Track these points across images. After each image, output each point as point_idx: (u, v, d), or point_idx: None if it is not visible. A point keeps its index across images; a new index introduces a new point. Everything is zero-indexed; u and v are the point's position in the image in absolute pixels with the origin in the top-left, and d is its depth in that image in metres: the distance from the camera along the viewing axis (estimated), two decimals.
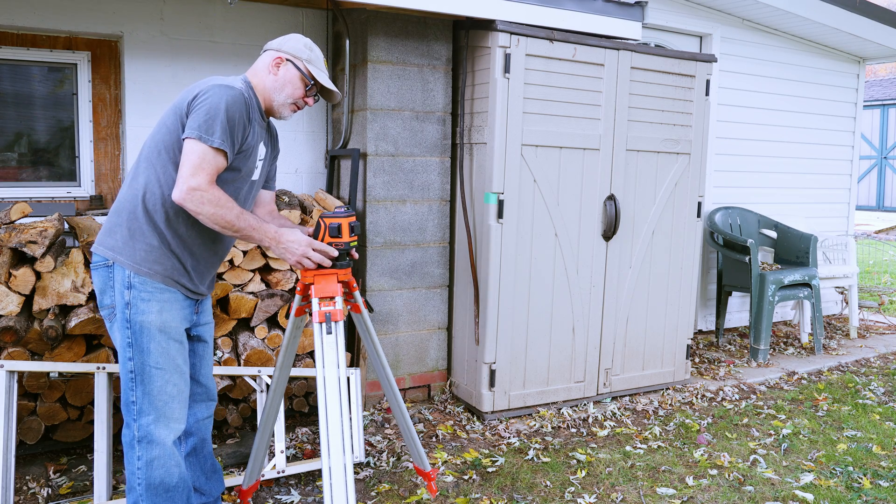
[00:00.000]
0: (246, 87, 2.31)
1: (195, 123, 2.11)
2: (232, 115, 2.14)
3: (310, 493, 3.01)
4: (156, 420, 2.19)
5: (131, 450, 2.20)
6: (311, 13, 4.21)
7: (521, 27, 3.64)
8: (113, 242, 2.20)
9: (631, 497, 3.04)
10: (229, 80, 2.27)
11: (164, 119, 2.23)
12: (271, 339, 3.46)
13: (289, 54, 2.36)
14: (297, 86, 2.36)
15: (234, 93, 2.17)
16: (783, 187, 6.02)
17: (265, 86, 2.35)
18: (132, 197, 2.21)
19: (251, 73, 2.39)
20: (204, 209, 2.08)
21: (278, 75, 2.35)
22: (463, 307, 4.03)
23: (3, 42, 3.68)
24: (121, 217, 2.22)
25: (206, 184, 2.09)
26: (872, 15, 5.60)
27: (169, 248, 2.21)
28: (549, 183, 3.83)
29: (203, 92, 2.16)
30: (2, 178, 3.81)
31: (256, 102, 2.33)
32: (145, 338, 2.17)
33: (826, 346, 5.51)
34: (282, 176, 4.23)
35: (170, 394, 2.21)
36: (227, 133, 2.13)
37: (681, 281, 4.38)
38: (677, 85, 4.17)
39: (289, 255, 2.23)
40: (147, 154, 2.23)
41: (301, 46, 2.38)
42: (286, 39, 2.40)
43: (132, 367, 2.18)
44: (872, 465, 3.41)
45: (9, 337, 2.92)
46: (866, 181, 16.69)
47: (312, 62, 2.38)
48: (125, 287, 2.17)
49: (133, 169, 2.27)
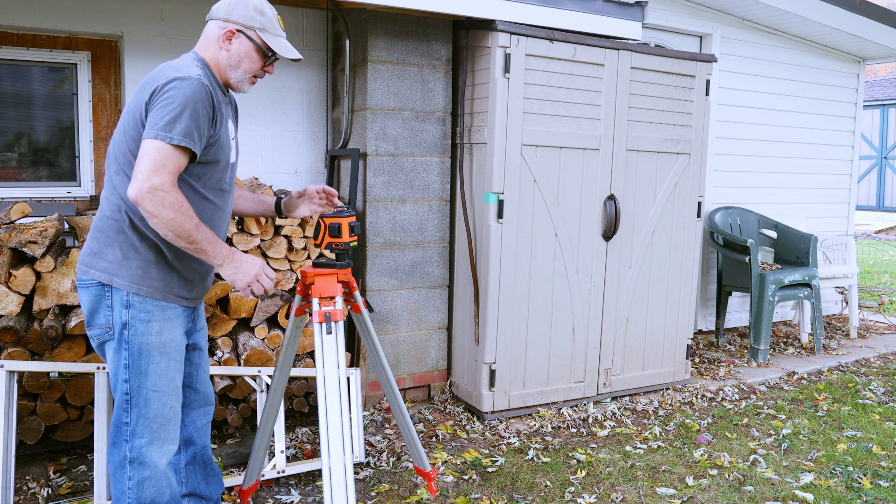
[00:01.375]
0: (202, 68, 2.10)
1: (154, 123, 1.93)
2: (195, 110, 1.96)
3: (310, 493, 3.01)
4: (149, 443, 2.10)
5: (121, 469, 2.10)
6: (311, 13, 4.21)
7: (521, 27, 3.64)
8: (105, 265, 2.06)
9: (631, 497, 3.04)
10: (183, 66, 2.05)
11: (125, 127, 2.05)
12: (271, 339, 3.46)
13: (239, 24, 2.13)
14: (253, 59, 2.17)
15: (194, 83, 1.97)
16: (783, 187, 6.02)
17: (219, 62, 2.15)
18: (115, 214, 2.07)
19: (201, 47, 2.17)
20: (163, 212, 1.89)
21: (231, 50, 2.14)
22: (463, 307, 4.03)
23: (3, 42, 3.68)
24: (107, 236, 2.08)
25: (169, 184, 1.91)
26: (872, 15, 5.60)
27: (167, 261, 2.10)
28: (549, 183, 3.83)
29: (160, 89, 1.96)
30: (2, 178, 3.81)
31: (215, 81, 2.14)
32: (144, 360, 2.07)
33: (826, 346, 5.51)
34: (282, 176, 4.23)
35: (166, 416, 2.13)
36: (190, 129, 1.95)
37: (681, 281, 4.38)
38: (677, 85, 4.17)
39: (241, 276, 2.06)
40: (120, 167, 2.07)
41: (251, 12, 2.14)
42: (234, 5, 2.14)
43: (128, 389, 2.07)
44: (872, 465, 3.41)
45: (9, 337, 2.92)
46: (866, 181, 16.70)
47: (266, 29, 2.16)
48: (123, 307, 2.05)
49: (108, 183, 2.10)
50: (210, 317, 3.38)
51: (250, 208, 2.59)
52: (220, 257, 2.04)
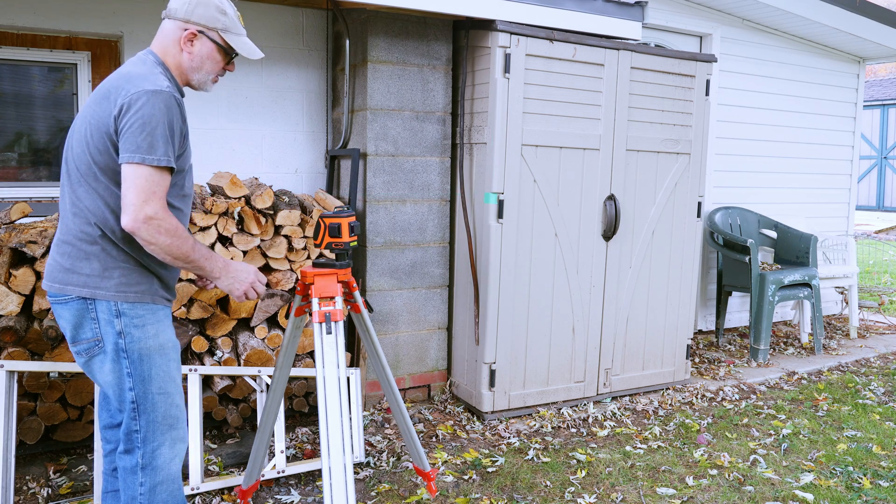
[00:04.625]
0: (165, 74, 2.04)
1: (132, 145, 1.88)
2: (170, 124, 1.92)
3: (310, 493, 3.01)
4: (161, 446, 2.10)
5: (133, 475, 2.09)
6: (311, 13, 4.21)
7: (521, 27, 3.64)
8: (83, 279, 2.00)
9: (631, 497, 3.04)
10: (149, 74, 1.97)
11: (88, 137, 1.97)
12: (271, 339, 3.46)
13: (201, 25, 2.06)
14: (216, 60, 2.12)
15: (165, 96, 1.92)
16: (783, 187, 6.02)
17: (181, 65, 2.09)
18: (84, 227, 2.00)
19: (160, 49, 2.09)
20: (159, 240, 1.91)
21: (193, 53, 2.08)
22: (463, 307, 4.03)
23: (3, 42, 3.68)
24: (79, 250, 2.01)
25: (162, 211, 1.90)
26: (872, 15, 5.60)
27: (145, 266, 2.06)
28: (549, 183, 3.83)
29: (131, 104, 1.90)
30: (2, 178, 3.81)
31: (177, 86, 2.09)
32: (146, 365, 2.05)
33: (826, 346, 5.51)
34: (282, 176, 4.23)
35: (174, 416, 2.12)
36: (168, 146, 1.92)
37: (681, 281, 4.38)
38: (677, 85, 4.17)
39: (237, 285, 2.13)
40: (82, 177, 2.00)
41: (213, 13, 2.07)
42: (194, 4, 2.06)
43: (133, 397, 2.05)
44: (872, 465, 3.41)
45: (9, 337, 2.92)
46: (866, 181, 16.70)
47: (229, 29, 2.11)
48: (114, 316, 2.01)
49: (69, 195, 2.03)
50: (210, 317, 3.38)
51: None
52: (218, 270, 2.09)
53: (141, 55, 2.10)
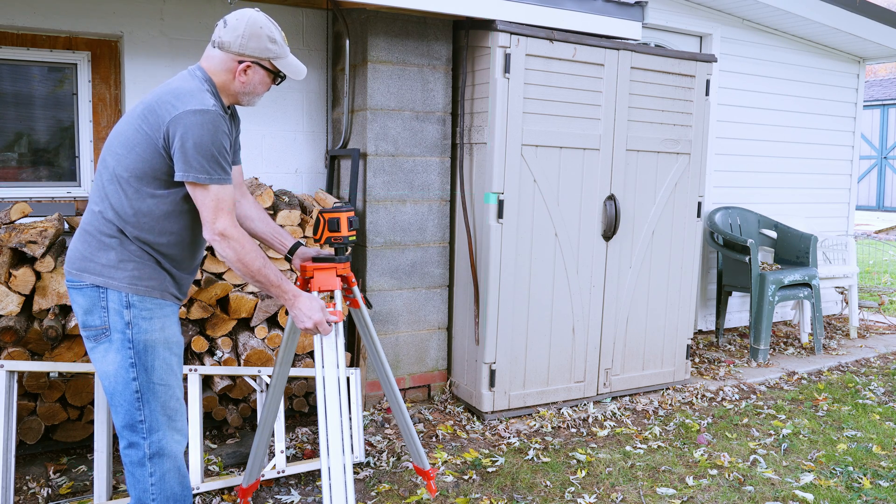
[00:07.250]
0: (212, 93, 2.13)
1: (191, 167, 2.00)
2: (220, 142, 2.04)
3: (310, 493, 3.01)
4: (165, 434, 2.15)
5: (141, 468, 2.14)
6: (311, 13, 4.21)
7: (521, 27, 3.64)
8: (99, 268, 2.09)
9: (631, 497, 3.04)
10: (196, 92, 2.07)
11: (132, 144, 2.06)
12: (271, 338, 3.46)
13: (255, 58, 2.15)
14: (266, 83, 2.22)
15: (212, 117, 2.02)
16: (783, 187, 6.02)
17: (233, 90, 2.19)
18: (105, 220, 2.11)
19: (211, 70, 2.16)
20: (227, 254, 2.07)
21: (247, 81, 2.18)
22: (463, 307, 4.03)
23: (3, 42, 3.68)
24: (98, 241, 2.11)
25: (230, 225, 2.06)
26: (872, 15, 5.60)
27: (159, 263, 2.16)
28: (549, 183, 3.83)
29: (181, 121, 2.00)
30: (2, 178, 3.81)
31: (222, 104, 2.18)
32: (150, 356, 2.11)
33: (826, 346, 5.51)
34: (282, 176, 4.23)
35: (174, 408, 2.18)
36: (224, 160, 2.06)
37: (681, 281, 4.38)
38: (677, 85, 4.17)
39: (304, 320, 2.19)
40: (115, 177, 2.09)
41: (266, 45, 2.15)
42: (247, 38, 2.12)
43: (137, 386, 2.11)
44: (872, 465, 3.41)
45: (9, 337, 2.92)
46: (866, 181, 16.69)
47: (280, 56, 2.19)
48: (123, 307, 2.09)
49: (99, 189, 2.13)
50: (210, 317, 3.38)
51: (263, 233, 2.54)
52: (285, 300, 2.18)
53: (191, 70, 2.18)
